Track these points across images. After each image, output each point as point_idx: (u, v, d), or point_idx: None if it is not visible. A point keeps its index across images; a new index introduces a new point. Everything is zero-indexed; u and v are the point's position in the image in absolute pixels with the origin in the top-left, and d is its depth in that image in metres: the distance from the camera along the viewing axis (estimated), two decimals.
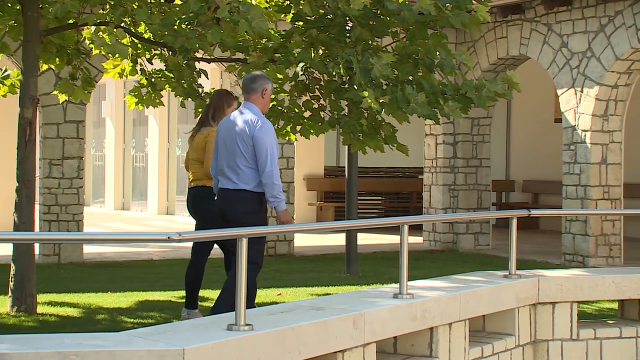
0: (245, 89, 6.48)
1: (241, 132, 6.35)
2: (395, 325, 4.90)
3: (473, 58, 13.33)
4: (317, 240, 14.40)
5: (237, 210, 6.35)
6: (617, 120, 11.77)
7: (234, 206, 6.38)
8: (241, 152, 6.34)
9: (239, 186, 6.37)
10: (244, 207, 6.36)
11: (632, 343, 6.32)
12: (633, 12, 11.13)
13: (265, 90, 6.43)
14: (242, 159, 6.34)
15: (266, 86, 6.44)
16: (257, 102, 6.44)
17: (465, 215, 10.50)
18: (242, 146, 6.34)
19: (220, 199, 6.51)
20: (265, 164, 6.30)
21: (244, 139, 6.33)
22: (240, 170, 6.36)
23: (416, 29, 7.00)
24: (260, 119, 6.35)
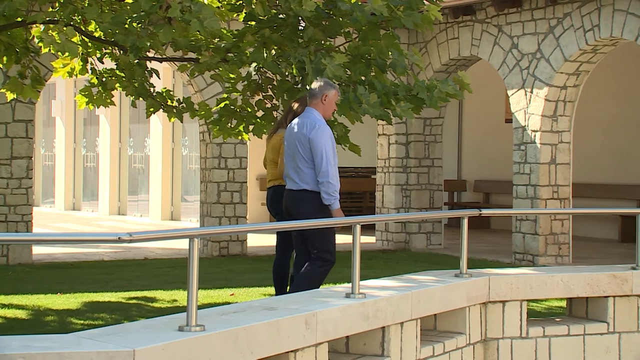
0: (309, 94, 6.82)
1: (300, 134, 6.74)
2: (348, 325, 4.90)
3: (425, 59, 13.42)
4: (271, 240, 14.38)
5: (301, 210, 6.69)
6: (566, 120, 11.94)
7: (298, 206, 6.74)
8: (300, 154, 6.73)
9: (300, 186, 6.75)
10: (307, 207, 6.69)
11: (580, 340, 6.40)
12: (581, 14, 11.30)
13: (325, 96, 6.73)
14: (302, 160, 6.74)
15: (327, 92, 6.73)
16: (317, 107, 6.77)
17: (417, 215, 10.55)
18: (300, 148, 6.73)
19: (285, 200, 6.91)
20: (321, 164, 6.65)
21: (302, 141, 6.72)
22: (301, 170, 6.74)
23: (368, 29, 7.02)
24: (317, 122, 6.70)
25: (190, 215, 17.14)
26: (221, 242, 12.65)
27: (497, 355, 6.17)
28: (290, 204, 6.80)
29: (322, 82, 6.77)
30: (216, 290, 9.12)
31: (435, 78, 12.48)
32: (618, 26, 10.85)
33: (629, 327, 6.53)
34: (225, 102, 7.70)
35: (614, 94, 15.14)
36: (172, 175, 17.87)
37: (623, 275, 6.56)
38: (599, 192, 15.11)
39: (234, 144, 12.70)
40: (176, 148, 17.92)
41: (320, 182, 6.67)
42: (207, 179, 12.84)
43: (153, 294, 8.95)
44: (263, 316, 4.43)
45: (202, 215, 12.99)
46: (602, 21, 11.05)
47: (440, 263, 11.13)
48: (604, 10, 11.02)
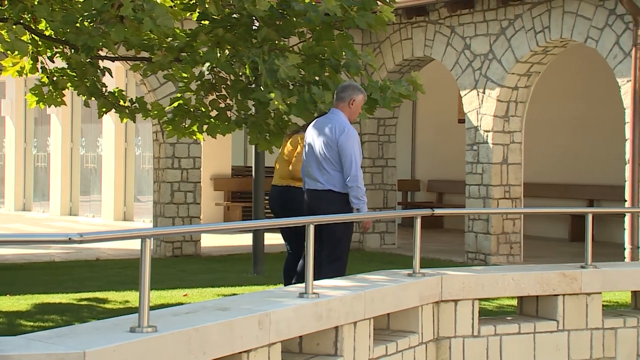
0: (336, 96, 6.91)
1: (327, 137, 6.82)
2: (301, 325, 4.91)
3: (379, 59, 13.48)
4: (224, 240, 14.34)
5: (328, 210, 6.73)
6: (517, 121, 12.07)
7: (323, 206, 6.79)
8: (327, 156, 6.82)
9: (326, 187, 6.84)
10: (333, 207, 6.76)
11: (530, 338, 6.48)
12: (532, 15, 11.44)
13: (352, 101, 6.87)
14: (329, 162, 6.82)
15: (354, 97, 6.87)
16: (344, 110, 6.89)
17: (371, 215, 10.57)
18: (327, 150, 6.82)
19: (310, 199, 6.94)
20: (350, 169, 6.76)
21: (329, 144, 6.81)
22: (327, 172, 6.83)
23: (322, 29, 7.03)
24: (345, 126, 6.80)
25: (144, 215, 17.01)
26: (174, 243, 12.58)
27: (449, 354, 6.22)
28: (314, 203, 6.87)
29: (350, 85, 6.91)
30: (169, 291, 9.06)
31: (389, 78, 12.54)
32: (568, 28, 11.00)
33: (578, 325, 6.62)
34: (178, 102, 7.65)
35: (564, 95, 15.34)
36: (125, 175, 17.72)
37: (572, 274, 6.65)
38: (550, 191, 15.31)
39: (187, 143, 12.64)
40: (129, 148, 17.77)
41: (349, 187, 6.77)
42: (160, 179, 12.76)
43: (105, 295, 8.87)
44: (216, 317, 4.42)
45: (155, 215, 12.90)
46: (552, 23, 11.19)
47: (394, 263, 11.18)
48: (554, 12, 11.17)
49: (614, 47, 10.50)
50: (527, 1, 11.47)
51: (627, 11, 10.22)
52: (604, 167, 14.31)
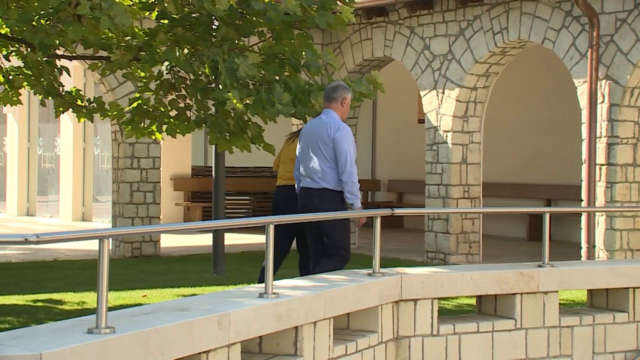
0: (327, 97, 7.07)
1: (322, 135, 6.96)
2: (260, 325, 4.90)
3: (339, 59, 13.51)
4: (184, 240, 14.27)
5: (324, 207, 6.86)
6: (476, 121, 12.17)
7: (320, 204, 6.91)
8: (322, 154, 6.97)
9: (321, 185, 6.98)
10: (327, 205, 6.90)
11: (489, 337, 6.53)
12: (490, 17, 11.53)
13: (344, 100, 7.08)
14: (324, 160, 6.97)
15: (346, 96, 7.08)
16: (337, 109, 7.07)
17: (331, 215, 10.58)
18: (323, 148, 6.96)
19: (303, 198, 7.09)
20: (345, 165, 6.92)
21: (325, 142, 6.96)
22: (322, 170, 6.97)
23: (282, 29, 7.03)
24: (340, 124, 6.98)
25: (102, 216, 16.87)
26: (134, 243, 12.49)
27: (408, 353, 6.24)
28: (310, 201, 6.99)
29: (340, 85, 7.07)
30: (128, 292, 9.00)
31: (349, 78, 12.57)
32: (525, 29, 11.11)
33: (536, 323, 6.69)
34: (137, 102, 7.60)
35: (522, 95, 15.49)
36: (84, 175, 17.55)
37: (530, 273, 6.72)
38: (508, 191, 15.45)
39: (147, 143, 12.56)
40: (87, 147, 17.61)
41: (344, 182, 6.94)
42: (119, 179, 12.66)
43: (62, 297, 8.78)
44: (175, 317, 4.39)
45: (114, 215, 12.79)
46: (510, 24, 11.30)
47: (354, 262, 11.16)
48: (512, 14, 11.27)
49: (570, 49, 10.62)
50: (486, 2, 11.56)
51: (583, 13, 10.35)
52: (561, 167, 14.48)
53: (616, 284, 7.07)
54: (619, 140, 10.17)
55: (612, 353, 6.97)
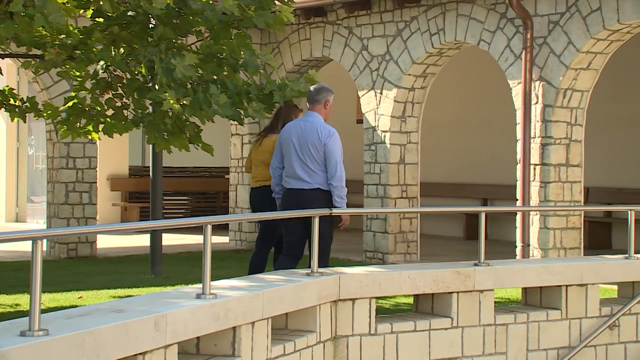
0: (310, 99, 7.38)
1: (313, 139, 7.26)
2: (198, 326, 4.88)
3: (278, 59, 13.50)
4: (121, 241, 14.12)
5: (314, 207, 7.02)
6: (414, 121, 12.27)
7: (311, 204, 7.13)
8: (313, 157, 7.26)
9: (314, 186, 7.27)
10: (319, 204, 7.14)
11: (426, 336, 6.60)
12: (427, 18, 11.65)
13: (327, 102, 7.39)
14: (315, 162, 7.27)
15: (329, 98, 7.41)
16: (320, 111, 7.38)
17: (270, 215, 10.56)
18: (314, 152, 7.26)
19: (295, 198, 7.30)
20: (335, 169, 7.27)
21: (316, 146, 7.26)
22: (314, 172, 7.27)
23: (220, 28, 6.99)
24: (330, 128, 7.33)
25: (37, 216, 16.59)
26: (69, 244, 12.32)
27: (346, 352, 6.27)
28: (304, 201, 7.20)
29: (323, 87, 7.35)
30: (63, 294, 8.87)
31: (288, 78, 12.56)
32: (462, 30, 11.24)
33: (471, 321, 6.77)
34: (73, 101, 7.49)
35: (458, 96, 15.68)
36: (17, 175, 17.24)
37: (466, 272, 6.80)
38: (445, 191, 15.62)
39: (82, 143, 12.39)
40: (21, 147, 17.30)
41: (334, 186, 7.25)
42: (54, 179, 12.47)
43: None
44: (111, 319, 4.35)
45: (49, 216, 12.60)
46: (446, 25, 11.42)
47: None
48: (448, 15, 11.39)
49: (505, 50, 10.78)
50: (423, 4, 11.67)
51: (517, 15, 10.51)
52: (497, 167, 14.68)
53: (549, 282, 7.20)
54: (552, 141, 10.36)
55: (545, 350, 7.09)
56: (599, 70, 10.39)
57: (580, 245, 10.46)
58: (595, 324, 7.28)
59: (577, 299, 7.24)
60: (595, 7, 9.92)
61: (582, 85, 10.39)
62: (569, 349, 7.17)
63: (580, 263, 7.48)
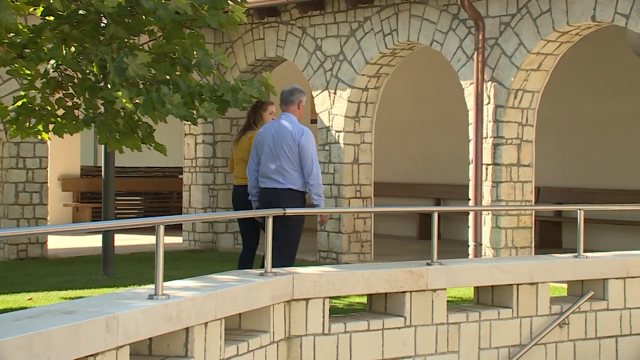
0: (284, 100, 7.56)
1: (287, 138, 7.41)
2: (150, 327, 4.84)
3: (231, 59, 13.46)
4: (73, 242, 13.97)
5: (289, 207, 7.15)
6: (367, 121, 12.32)
7: (284, 203, 7.24)
8: (287, 157, 7.41)
9: (286, 186, 7.43)
10: (293, 204, 7.34)
11: (379, 335, 6.62)
12: (380, 18, 11.70)
13: (300, 103, 7.57)
14: (289, 162, 7.41)
15: (302, 99, 7.58)
16: (294, 112, 7.56)
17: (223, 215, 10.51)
18: (288, 151, 7.41)
19: (268, 197, 7.48)
20: (311, 168, 7.40)
21: (290, 146, 7.40)
22: (287, 172, 7.42)
23: (173, 28, 6.97)
24: (304, 128, 7.47)
25: None
26: (19, 245, 12.16)
27: (300, 352, 6.28)
28: (275, 201, 7.36)
29: (296, 89, 7.55)
30: (13, 295, 8.76)
31: (242, 78, 12.54)
32: (414, 31, 11.31)
33: (424, 320, 6.81)
34: (22, 100, 7.40)
35: (412, 96, 15.78)
36: None
37: (419, 271, 6.84)
38: (399, 191, 15.70)
39: (33, 143, 12.24)
40: None
41: (311, 184, 7.41)
42: (4, 179, 12.30)
43: None
44: (61, 320, 4.30)
45: None
46: (399, 26, 11.48)
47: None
48: (401, 16, 11.46)
49: (457, 51, 10.87)
50: (376, 4, 11.72)
51: (469, 16, 10.61)
52: (450, 167, 14.80)
53: (501, 280, 7.27)
54: (503, 141, 10.47)
55: (497, 348, 7.16)
56: (549, 71, 10.52)
57: (531, 245, 10.59)
58: (546, 322, 7.37)
59: (528, 298, 7.33)
60: (545, 8, 10.05)
61: (533, 86, 10.51)
62: (519, 347, 7.25)
63: (531, 262, 7.57)
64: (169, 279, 5.75)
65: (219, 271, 7.13)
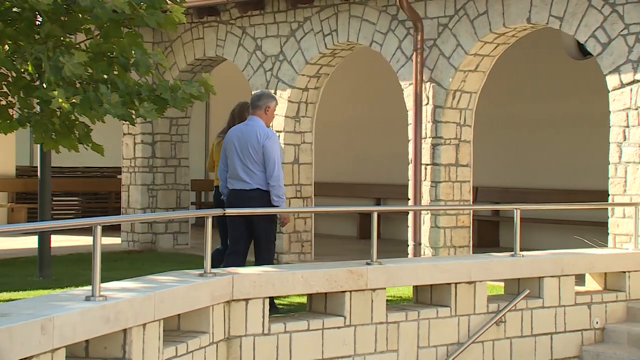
0: (252, 105, 7.93)
1: (252, 141, 7.74)
2: (87, 329, 4.79)
3: (170, 58, 13.36)
4: (8, 243, 13.72)
5: (256, 207, 7.64)
6: (308, 121, 12.34)
7: (250, 203, 7.67)
8: (253, 158, 7.74)
9: (253, 186, 7.74)
10: (260, 204, 7.67)
11: (319, 335, 6.64)
12: (320, 18, 11.73)
13: (268, 108, 7.89)
14: (255, 164, 7.74)
15: (269, 104, 7.91)
16: (261, 116, 7.89)
17: (162, 215, 10.49)
18: (254, 153, 7.73)
19: (236, 198, 7.81)
20: (273, 169, 7.70)
21: (255, 148, 7.73)
22: (253, 173, 7.74)
23: (110, 27, 6.89)
24: (269, 131, 7.82)
25: None
26: None
27: (239, 353, 6.27)
28: (242, 201, 7.73)
29: (264, 94, 7.92)
30: None
31: (181, 78, 12.47)
32: (354, 32, 11.36)
33: (364, 319, 6.86)
34: None
35: (352, 96, 15.84)
36: None
37: (359, 271, 6.88)
38: (339, 190, 15.76)
39: None
40: None
41: (271, 185, 7.70)
42: None
43: None
44: None
45: None
46: (339, 26, 11.52)
47: (187, 263, 11.11)
48: (341, 16, 11.50)
49: (396, 52, 10.95)
50: (316, 4, 11.74)
51: (407, 17, 10.69)
52: (390, 166, 14.90)
53: (440, 279, 7.35)
54: (442, 141, 10.58)
55: (435, 347, 7.24)
56: (486, 72, 10.66)
57: (470, 244, 10.72)
58: (483, 320, 7.47)
59: (465, 296, 7.42)
60: (482, 10, 10.18)
61: (471, 86, 10.64)
62: (457, 345, 7.33)
63: (469, 261, 7.66)
64: (106, 280, 5.69)
65: (158, 272, 7.08)
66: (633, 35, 8.95)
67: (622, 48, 9.02)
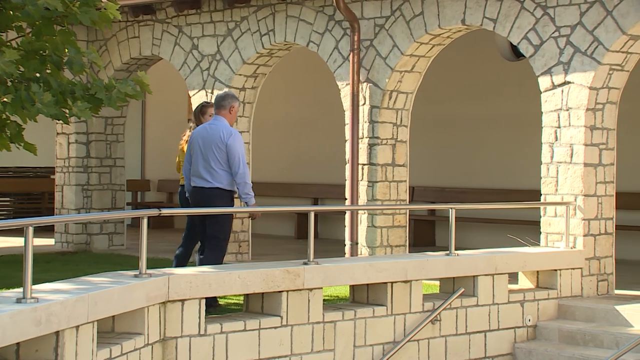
0: (216, 105, 8.05)
1: (216, 140, 7.84)
2: (18, 331, 4.71)
3: (105, 57, 13.21)
4: None
5: (213, 205, 7.80)
6: (245, 121, 12.29)
7: (211, 202, 7.80)
8: (216, 157, 7.83)
9: (214, 185, 7.85)
10: (220, 202, 7.82)
11: (255, 335, 6.64)
12: (257, 18, 11.71)
13: (232, 108, 8.04)
14: (217, 162, 7.84)
15: (233, 104, 8.05)
16: (225, 116, 8.02)
17: (97, 216, 10.34)
18: (216, 152, 7.83)
19: (196, 196, 7.95)
20: (238, 167, 7.81)
21: (218, 146, 7.83)
22: (215, 172, 7.84)
23: (42, 24, 6.77)
24: (232, 130, 7.90)
25: None
26: None
27: (175, 354, 6.22)
28: (203, 199, 7.87)
29: (228, 95, 8.05)
30: None
31: (116, 77, 12.32)
32: (291, 32, 11.36)
33: (301, 319, 6.87)
34: None
35: (289, 96, 15.85)
36: None
37: (296, 271, 6.89)
38: (277, 190, 15.75)
39: None
40: None
41: (237, 183, 7.84)
42: None
43: None
44: None
45: None
46: (276, 26, 11.52)
47: (122, 264, 10.99)
48: (278, 16, 11.49)
49: (333, 52, 10.98)
50: (253, 4, 11.71)
51: (344, 17, 10.73)
52: (327, 166, 14.94)
53: (376, 279, 7.40)
54: (379, 141, 10.64)
55: (371, 346, 7.29)
56: (422, 73, 10.76)
57: (406, 243, 10.80)
58: (419, 318, 7.54)
59: (401, 295, 7.48)
60: (418, 11, 10.27)
61: (407, 87, 10.73)
62: (393, 344, 7.39)
63: (405, 260, 7.73)
64: (39, 282, 5.60)
65: (93, 273, 6.99)
66: (564, 38, 9.12)
67: (553, 50, 9.19)
